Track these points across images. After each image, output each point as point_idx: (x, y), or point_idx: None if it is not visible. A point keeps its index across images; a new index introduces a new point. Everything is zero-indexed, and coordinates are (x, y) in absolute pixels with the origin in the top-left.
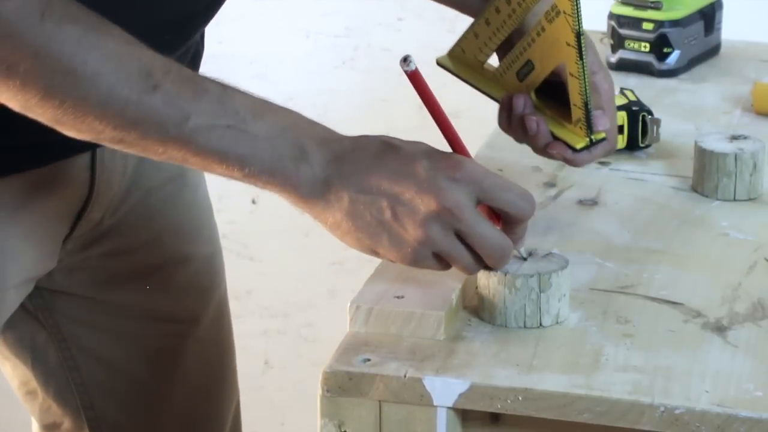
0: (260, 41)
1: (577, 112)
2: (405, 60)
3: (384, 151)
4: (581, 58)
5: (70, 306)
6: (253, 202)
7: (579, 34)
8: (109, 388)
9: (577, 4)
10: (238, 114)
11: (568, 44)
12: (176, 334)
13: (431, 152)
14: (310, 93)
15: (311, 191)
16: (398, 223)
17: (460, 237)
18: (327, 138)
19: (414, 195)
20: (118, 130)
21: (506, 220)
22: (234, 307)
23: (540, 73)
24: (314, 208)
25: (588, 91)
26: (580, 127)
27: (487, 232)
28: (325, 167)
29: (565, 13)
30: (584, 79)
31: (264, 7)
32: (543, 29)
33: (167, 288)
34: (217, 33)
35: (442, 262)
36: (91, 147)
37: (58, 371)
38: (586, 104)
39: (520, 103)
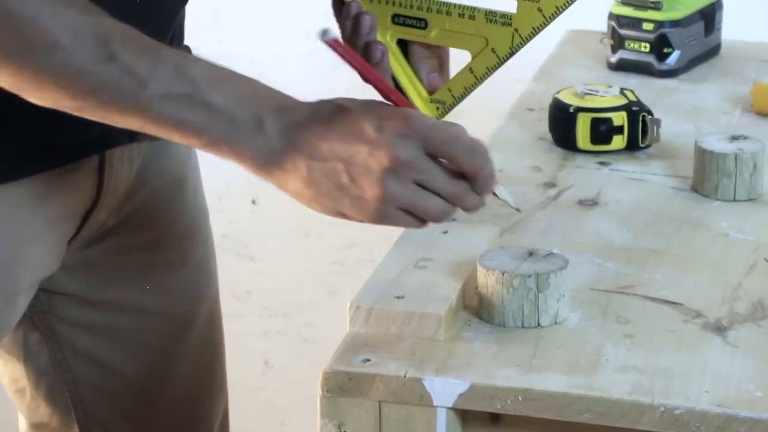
0: (260, 41)
1: (446, 97)
2: (323, 32)
3: (335, 115)
4: (493, 70)
5: (65, 307)
6: (253, 202)
7: (511, 54)
8: (101, 389)
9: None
10: (195, 83)
11: (494, 51)
12: (170, 335)
13: (379, 110)
14: (310, 93)
15: (268, 161)
16: (356, 185)
17: (422, 187)
18: (284, 106)
19: (366, 155)
20: (77, 99)
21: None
22: (234, 307)
23: (431, 37)
24: (273, 176)
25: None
26: (437, 108)
27: (443, 176)
28: (281, 136)
29: (517, 31)
30: (479, 83)
31: (264, 7)
32: (473, 17)
33: (163, 289)
34: (217, 33)
35: (413, 217)
36: (100, 149)
37: (50, 371)
38: (461, 98)
39: (367, 24)
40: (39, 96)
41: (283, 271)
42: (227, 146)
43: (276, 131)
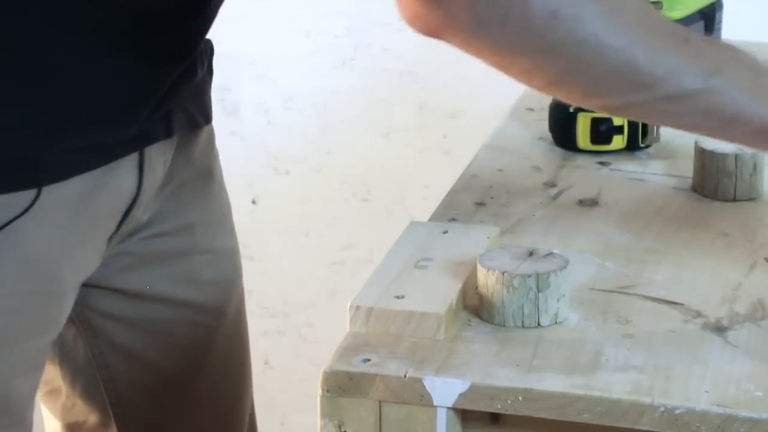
0: (260, 41)
1: None
2: None
3: None
4: None
5: (102, 300)
6: (253, 202)
7: None
8: (138, 384)
9: None
10: (755, 69)
11: None
12: (204, 325)
13: None
14: (310, 93)
15: None
16: None
17: None
18: None
19: None
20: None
21: None
22: None
23: None
24: None
25: None
26: None
27: None
28: None
29: None
30: None
31: (264, 7)
32: None
33: (195, 278)
34: (217, 33)
35: None
36: (140, 146)
37: (87, 368)
38: None
39: None
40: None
41: (283, 271)
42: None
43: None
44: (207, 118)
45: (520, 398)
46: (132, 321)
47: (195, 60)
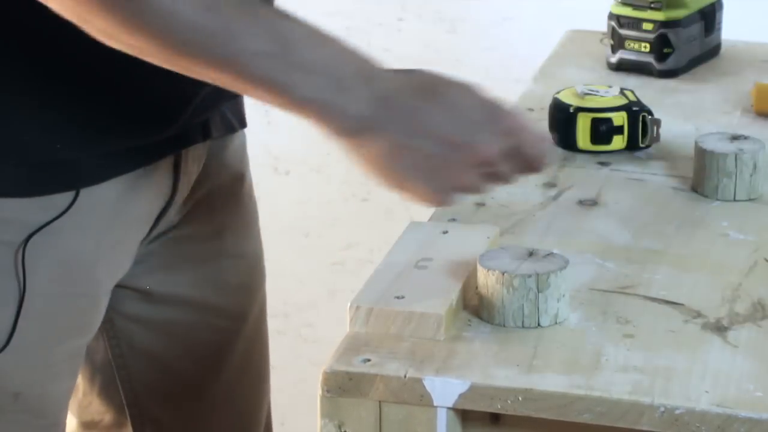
0: None
1: None
2: None
3: (429, 96)
4: None
5: (126, 302)
6: None
7: None
8: (156, 385)
9: None
10: (289, 43)
11: None
12: (225, 330)
13: (473, 101)
14: None
15: (353, 126)
16: (443, 170)
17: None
18: (372, 75)
19: (464, 145)
20: (169, 47)
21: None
22: None
23: None
24: (352, 142)
25: None
26: None
27: (512, 169)
28: (371, 104)
29: None
30: None
31: None
32: None
33: (220, 282)
34: None
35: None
36: (176, 149)
37: (106, 368)
38: None
39: None
40: (130, 42)
41: (283, 271)
42: (313, 107)
43: (366, 97)
44: (242, 121)
45: (520, 398)
46: (154, 323)
47: None
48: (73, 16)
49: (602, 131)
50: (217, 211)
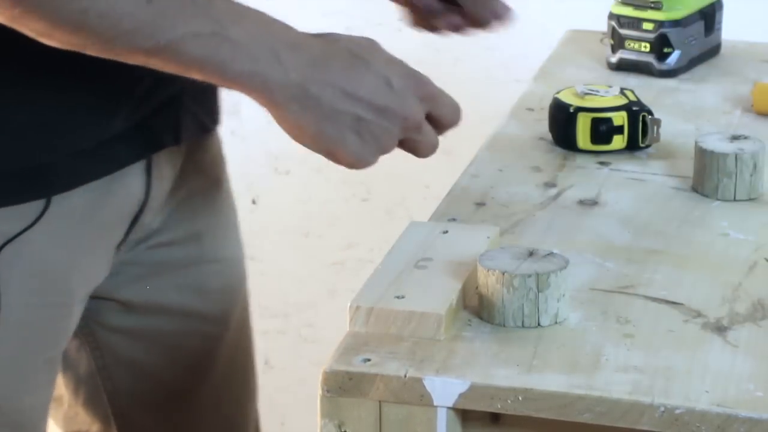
0: None
1: None
2: None
3: (355, 63)
4: None
5: (108, 313)
6: (254, 202)
7: None
8: (141, 395)
9: None
10: (220, 21)
11: None
12: (209, 335)
13: (395, 67)
14: None
15: (287, 94)
16: (368, 134)
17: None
18: (298, 42)
19: (387, 110)
20: (108, 42)
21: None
22: None
23: None
24: (285, 110)
25: None
26: None
27: (432, 136)
28: (302, 71)
29: None
30: None
31: (264, 7)
32: None
33: (201, 287)
34: None
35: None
36: (147, 153)
37: (90, 379)
38: None
39: None
40: (68, 39)
41: (283, 271)
42: (249, 80)
43: (295, 66)
44: (215, 120)
45: (520, 398)
46: (137, 333)
47: None
48: (5, 19)
49: (602, 131)
50: (195, 216)
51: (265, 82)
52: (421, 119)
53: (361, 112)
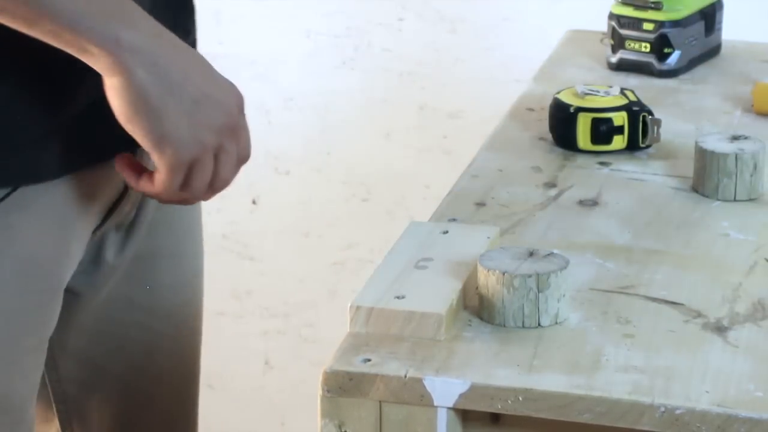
0: (260, 41)
1: None
2: None
3: (180, 49)
4: None
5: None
6: (254, 202)
7: None
8: (85, 384)
9: None
10: None
11: None
12: (151, 330)
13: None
14: (310, 93)
15: (135, 60)
16: (196, 123)
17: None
18: (143, 14)
19: (217, 102)
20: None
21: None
22: (234, 307)
23: None
24: (129, 76)
25: None
26: None
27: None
28: (155, 42)
29: None
30: None
31: (264, 7)
32: None
33: (150, 281)
34: (217, 33)
35: (191, 181)
36: (136, 145)
37: None
38: None
39: None
40: None
41: (283, 271)
42: (98, 36)
43: (149, 32)
44: None
45: (520, 398)
46: (87, 326)
47: None
48: None
49: (602, 131)
50: (157, 210)
51: (117, 39)
52: (237, 123)
53: (198, 95)
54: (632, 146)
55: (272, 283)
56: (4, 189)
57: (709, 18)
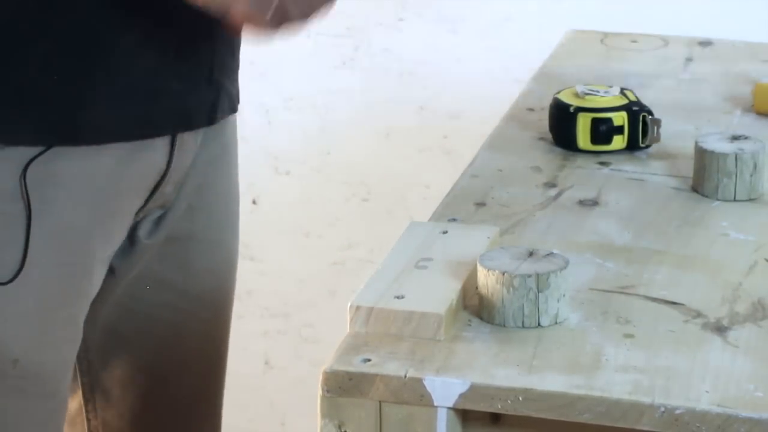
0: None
1: None
2: None
3: None
4: None
5: None
6: (254, 202)
7: None
8: (110, 357)
9: None
10: None
11: None
12: (182, 310)
13: None
14: (310, 93)
15: None
16: None
17: None
18: None
19: None
20: None
21: None
22: (234, 307)
23: None
24: None
25: None
26: None
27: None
28: None
29: None
30: None
31: None
32: None
33: (184, 263)
34: None
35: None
36: (181, 129)
37: None
38: None
39: None
40: None
41: (283, 271)
42: None
43: None
44: (238, 100)
45: (520, 398)
46: (118, 299)
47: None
48: None
49: (602, 131)
50: (198, 194)
51: None
52: None
53: None
54: (632, 146)
55: (272, 283)
56: (38, 147)
57: None
